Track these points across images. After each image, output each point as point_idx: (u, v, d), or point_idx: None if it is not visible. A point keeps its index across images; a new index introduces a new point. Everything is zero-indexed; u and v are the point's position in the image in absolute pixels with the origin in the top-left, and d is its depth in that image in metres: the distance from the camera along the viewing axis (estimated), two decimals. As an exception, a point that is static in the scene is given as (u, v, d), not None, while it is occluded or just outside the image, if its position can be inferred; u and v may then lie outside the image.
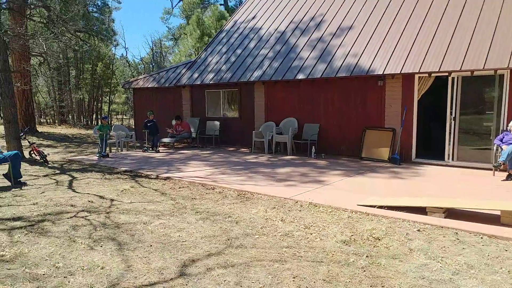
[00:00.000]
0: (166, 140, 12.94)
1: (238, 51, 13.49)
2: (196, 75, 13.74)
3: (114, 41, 26.75)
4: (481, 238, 4.36)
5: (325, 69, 10.62)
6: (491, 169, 8.12)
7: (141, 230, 4.70)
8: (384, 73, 9.48)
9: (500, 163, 7.58)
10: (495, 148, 8.13)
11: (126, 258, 3.84)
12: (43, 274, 3.48)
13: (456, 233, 4.50)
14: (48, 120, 28.99)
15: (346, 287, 3.20)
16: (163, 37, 42.76)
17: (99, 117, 31.70)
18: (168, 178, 7.90)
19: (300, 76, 10.91)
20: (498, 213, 4.86)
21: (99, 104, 31.87)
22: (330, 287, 3.20)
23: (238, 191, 6.67)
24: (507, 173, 7.62)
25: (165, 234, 4.55)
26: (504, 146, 7.74)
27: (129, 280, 3.34)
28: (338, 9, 12.53)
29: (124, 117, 37.03)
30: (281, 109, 11.96)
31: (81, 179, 7.94)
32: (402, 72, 9.24)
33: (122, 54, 58.96)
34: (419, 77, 9.39)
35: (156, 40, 43.55)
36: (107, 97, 32.89)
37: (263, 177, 7.78)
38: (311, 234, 4.49)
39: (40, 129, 20.64)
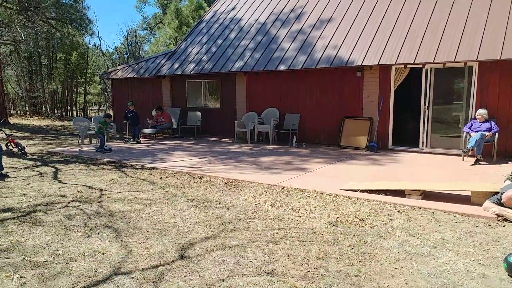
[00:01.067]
0: (147, 130, 12.96)
1: (219, 42, 13.59)
2: (176, 65, 13.76)
3: (89, 30, 26.14)
4: (454, 216, 4.76)
5: (306, 60, 10.89)
6: (461, 155, 8.63)
7: (135, 217, 4.85)
8: (363, 64, 9.84)
9: (469, 149, 8.10)
10: (464, 135, 8.63)
11: (125, 244, 3.99)
12: (44, 262, 3.57)
13: (432, 212, 4.89)
14: (19, 112, 28.16)
15: (337, 262, 3.49)
16: (138, 26, 41.96)
17: (74, 108, 31.01)
18: (154, 168, 8.01)
19: (282, 67, 11.15)
20: (469, 193, 5.29)
21: (74, 95, 31.16)
22: (323, 262, 3.49)
23: (226, 179, 6.88)
24: (475, 158, 8.14)
25: (160, 220, 4.72)
26: (472, 134, 8.25)
27: (131, 264, 3.51)
28: (317, 1, 12.79)
29: (101, 108, 36.32)
30: (262, 100, 12.18)
31: (65, 170, 7.94)
32: (379, 63, 9.62)
33: (95, 43, 57.42)
34: (396, 68, 9.80)
35: (131, 30, 42.67)
36: (82, 88, 32.17)
37: (248, 166, 8.01)
38: (300, 217, 4.77)
39: (11, 120, 20.11)
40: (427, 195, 5.52)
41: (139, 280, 3.20)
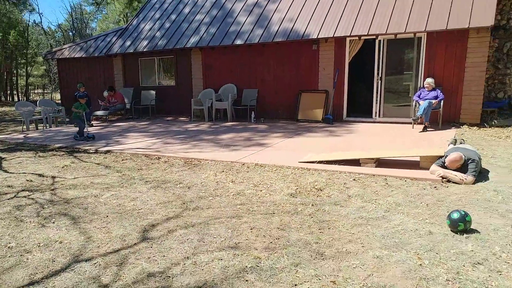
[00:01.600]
0: (99, 113, 12.49)
1: (173, 17, 13.17)
2: (128, 43, 13.23)
3: (29, 5, 24.34)
4: (405, 181, 5.03)
5: (262, 34, 10.83)
6: (411, 123, 9.05)
7: (93, 203, 4.73)
8: (318, 37, 9.94)
9: (418, 117, 8.51)
10: (414, 104, 9.03)
11: (84, 231, 3.90)
12: (-3, 255, 3.43)
13: (386, 179, 5.14)
14: None
15: (298, 231, 3.62)
16: (83, 1, 39.59)
17: (15, 92, 29.12)
18: (108, 151, 7.78)
19: (238, 42, 11.03)
20: (418, 159, 5.59)
21: (14, 78, 29.24)
22: (284, 233, 3.59)
23: (185, 159, 6.82)
24: (423, 125, 8.57)
25: (119, 204, 4.63)
26: (421, 102, 8.65)
27: (92, 250, 3.44)
28: (268, -27, 12.62)
29: (46, 91, 34.39)
30: (219, 76, 12.04)
31: (10, 159, 7.53)
32: (334, 35, 9.76)
33: (35, 20, 53.51)
34: (350, 40, 9.98)
35: (75, 5, 40.28)
36: (23, 70, 30.23)
37: (207, 144, 7.98)
38: (261, 191, 4.86)
39: None
40: (380, 162, 5.77)
41: (102, 265, 3.15)
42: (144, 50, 12.55)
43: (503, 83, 10.74)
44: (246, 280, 2.82)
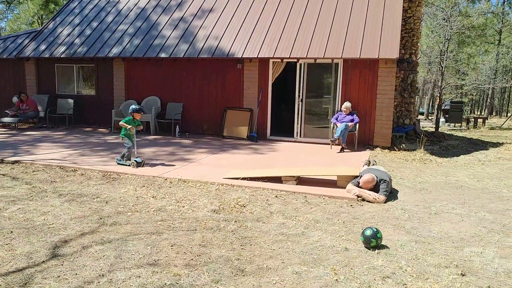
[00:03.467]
0: (7, 119, 11.41)
1: (94, 24, 12.59)
2: (43, 47, 12.34)
3: None
4: (324, 199, 5.31)
5: (188, 49, 10.81)
6: (329, 144, 9.59)
7: (-5, 217, 4.28)
8: (243, 56, 10.18)
9: (336, 138, 9.07)
10: (331, 126, 9.61)
11: (-17, 248, 3.52)
12: None
13: (305, 196, 5.37)
14: None
15: (220, 248, 3.61)
16: (-9, -2, 36.16)
17: None
18: (16, 161, 7.12)
19: (163, 55, 10.87)
20: (335, 178, 5.93)
21: None
22: (205, 250, 3.57)
23: (103, 172, 6.48)
24: (340, 147, 9.14)
25: (27, 219, 4.25)
26: (338, 124, 9.23)
27: (-9, 269, 3.12)
28: (198, -10, 12.72)
29: None
30: (143, 88, 11.72)
31: None
32: (258, 56, 10.07)
33: None
34: (273, 62, 10.37)
35: (-18, 2, 36.60)
36: None
37: (128, 157, 7.67)
38: (183, 207, 4.78)
39: None
40: (301, 180, 6.02)
41: (2, 286, 2.85)
42: (62, 56, 11.80)
43: (409, 111, 11.90)
44: (166, 298, 2.74)
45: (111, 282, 2.92)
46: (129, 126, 6.92)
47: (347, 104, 9.37)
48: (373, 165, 6.53)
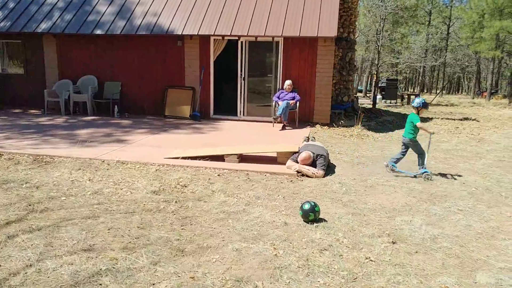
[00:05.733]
0: None
1: (17, -4, 11.53)
2: (-42, 20, 11.13)
3: None
4: (265, 175, 5.38)
5: (125, 25, 10.28)
6: (271, 122, 9.70)
7: None
8: (183, 33, 9.88)
9: (278, 116, 9.18)
10: (273, 104, 9.70)
11: None
12: None
13: (247, 174, 5.40)
14: None
15: (159, 230, 3.55)
16: None
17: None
18: None
19: (98, 32, 10.26)
20: (275, 154, 6.02)
21: None
22: (144, 232, 3.49)
23: (34, 155, 6.06)
24: (282, 124, 9.27)
25: None
26: (280, 102, 9.33)
27: None
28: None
29: None
30: (77, 66, 11.01)
31: None
32: (199, 33, 9.82)
33: None
34: (214, 39, 10.16)
35: None
36: None
37: (62, 140, 7.23)
38: (121, 189, 4.62)
39: None
40: (243, 158, 6.04)
41: None
42: (-18, 30, 10.74)
43: (347, 88, 12.28)
44: (100, 284, 2.65)
45: (40, 272, 2.77)
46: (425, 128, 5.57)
47: (288, 82, 9.48)
48: (311, 141, 6.70)
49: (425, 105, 5.56)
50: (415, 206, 4.39)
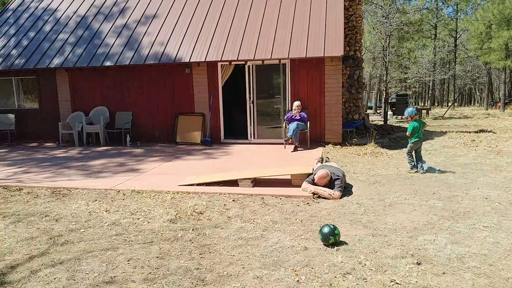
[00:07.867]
0: None
1: (31, 34, 11.96)
2: (-25, 60, 11.54)
3: None
4: (280, 199, 5.36)
5: (133, 56, 10.55)
6: (282, 143, 9.72)
7: None
8: (190, 61, 10.09)
9: (289, 137, 9.22)
10: (284, 125, 9.75)
11: None
12: None
13: (262, 198, 5.40)
14: None
15: (178, 259, 3.55)
16: None
17: None
18: (-48, 185, 6.60)
19: (108, 63, 10.54)
20: (290, 177, 6.01)
21: None
22: (164, 262, 3.49)
23: (52, 188, 6.16)
24: (293, 146, 9.29)
25: (-33, 247, 3.95)
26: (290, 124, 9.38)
27: None
28: (141, -5, 12.46)
29: None
30: (89, 98, 11.28)
31: None
32: (206, 60, 10.02)
33: None
34: (221, 65, 10.35)
35: None
36: None
37: (77, 172, 7.35)
38: (138, 219, 4.65)
39: None
40: (257, 181, 6.05)
41: None
42: (-2, 68, 11.12)
43: (357, 106, 12.32)
44: (124, 317, 2.64)
45: (64, 306, 2.78)
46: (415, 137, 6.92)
47: (297, 103, 9.54)
48: (326, 161, 6.69)
49: (416, 112, 6.95)
50: (437, 224, 4.30)
